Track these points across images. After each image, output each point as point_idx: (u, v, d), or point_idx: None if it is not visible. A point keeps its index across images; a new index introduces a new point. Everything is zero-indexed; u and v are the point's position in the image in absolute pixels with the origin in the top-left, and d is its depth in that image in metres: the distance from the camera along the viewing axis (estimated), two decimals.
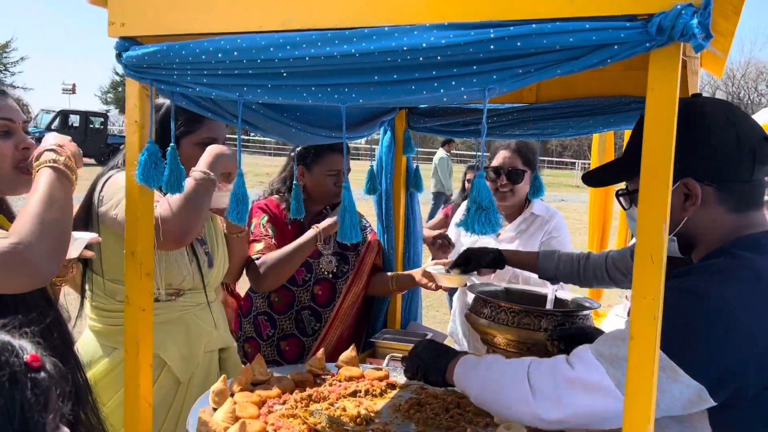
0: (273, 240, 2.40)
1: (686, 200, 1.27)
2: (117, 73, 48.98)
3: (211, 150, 1.83)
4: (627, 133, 5.55)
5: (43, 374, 0.82)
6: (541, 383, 1.27)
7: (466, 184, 5.04)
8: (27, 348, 0.83)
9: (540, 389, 1.26)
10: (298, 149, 2.45)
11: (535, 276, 2.32)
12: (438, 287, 2.41)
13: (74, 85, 40.50)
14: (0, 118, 1.52)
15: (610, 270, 2.16)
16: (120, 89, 47.58)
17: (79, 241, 1.61)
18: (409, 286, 2.55)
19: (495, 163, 2.82)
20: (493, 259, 2.25)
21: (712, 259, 1.26)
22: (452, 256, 2.65)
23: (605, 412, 1.19)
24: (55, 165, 1.44)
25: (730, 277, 1.20)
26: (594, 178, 1.47)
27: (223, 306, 2.26)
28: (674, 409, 1.16)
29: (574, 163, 31.25)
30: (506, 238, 2.84)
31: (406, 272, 2.57)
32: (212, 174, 1.77)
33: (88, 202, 1.89)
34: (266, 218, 2.42)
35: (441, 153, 12.02)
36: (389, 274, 2.59)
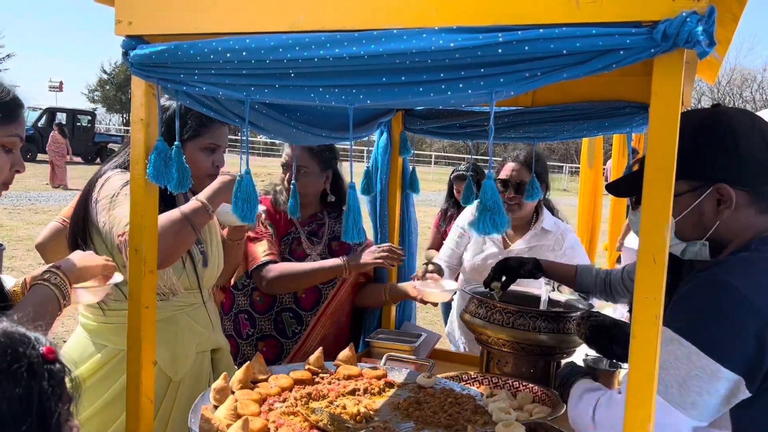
0: (273, 237, 2.45)
1: (719, 205, 1.32)
2: (104, 71, 48.57)
3: (220, 181, 1.83)
4: (615, 138, 5.56)
5: (57, 365, 0.84)
6: (604, 419, 1.34)
7: (456, 192, 4.94)
8: (42, 340, 0.85)
9: (602, 426, 1.34)
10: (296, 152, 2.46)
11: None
12: (423, 301, 2.47)
13: (61, 83, 39.96)
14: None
15: (625, 281, 2.18)
16: (108, 87, 47.11)
17: (102, 289, 1.62)
18: (402, 298, 2.60)
19: (503, 175, 2.84)
20: (531, 270, 2.24)
21: (737, 254, 1.31)
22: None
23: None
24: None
25: (749, 268, 1.25)
26: (621, 189, 1.55)
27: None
28: (718, 407, 1.19)
29: (562, 166, 31.35)
30: (516, 252, 2.84)
31: (400, 285, 2.60)
32: (211, 207, 1.78)
33: (85, 202, 1.89)
34: (264, 215, 2.42)
35: None
36: (383, 284, 2.61)
